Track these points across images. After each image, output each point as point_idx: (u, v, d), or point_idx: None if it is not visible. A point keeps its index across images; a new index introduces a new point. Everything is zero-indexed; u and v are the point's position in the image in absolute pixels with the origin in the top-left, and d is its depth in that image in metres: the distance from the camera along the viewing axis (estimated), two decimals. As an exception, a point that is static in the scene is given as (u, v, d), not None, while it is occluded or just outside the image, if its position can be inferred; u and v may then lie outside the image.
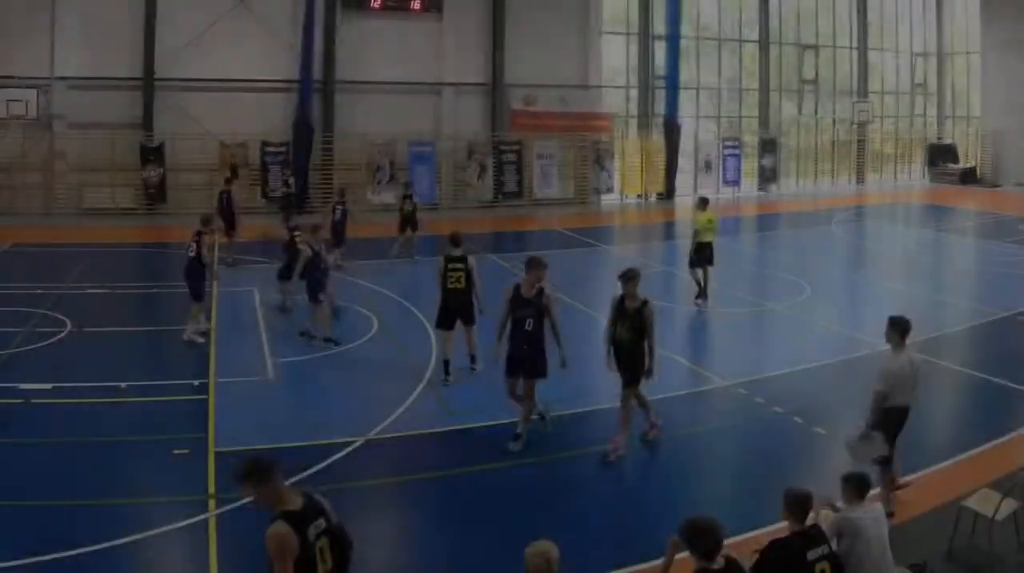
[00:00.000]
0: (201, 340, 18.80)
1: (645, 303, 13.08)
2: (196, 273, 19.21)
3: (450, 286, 16.48)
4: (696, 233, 22.85)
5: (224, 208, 27.46)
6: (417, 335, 19.05)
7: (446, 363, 16.39)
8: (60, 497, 11.14)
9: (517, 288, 13.56)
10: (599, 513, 11.35)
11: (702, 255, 22.67)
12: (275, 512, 6.53)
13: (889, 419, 10.99)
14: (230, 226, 27.38)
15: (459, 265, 16.52)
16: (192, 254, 19.26)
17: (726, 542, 7.11)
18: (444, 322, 16.59)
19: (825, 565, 7.52)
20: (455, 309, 16.51)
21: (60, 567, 9.61)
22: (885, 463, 11.14)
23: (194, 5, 37.81)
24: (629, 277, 13.19)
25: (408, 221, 28.74)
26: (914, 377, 11.24)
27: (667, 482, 12.67)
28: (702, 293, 22.61)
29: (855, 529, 8.17)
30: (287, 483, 7.20)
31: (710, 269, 22.67)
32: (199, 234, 19.38)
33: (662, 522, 9.26)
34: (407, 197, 29.29)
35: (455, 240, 16.85)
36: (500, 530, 10.71)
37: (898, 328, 11.25)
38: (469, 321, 16.68)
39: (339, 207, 26.86)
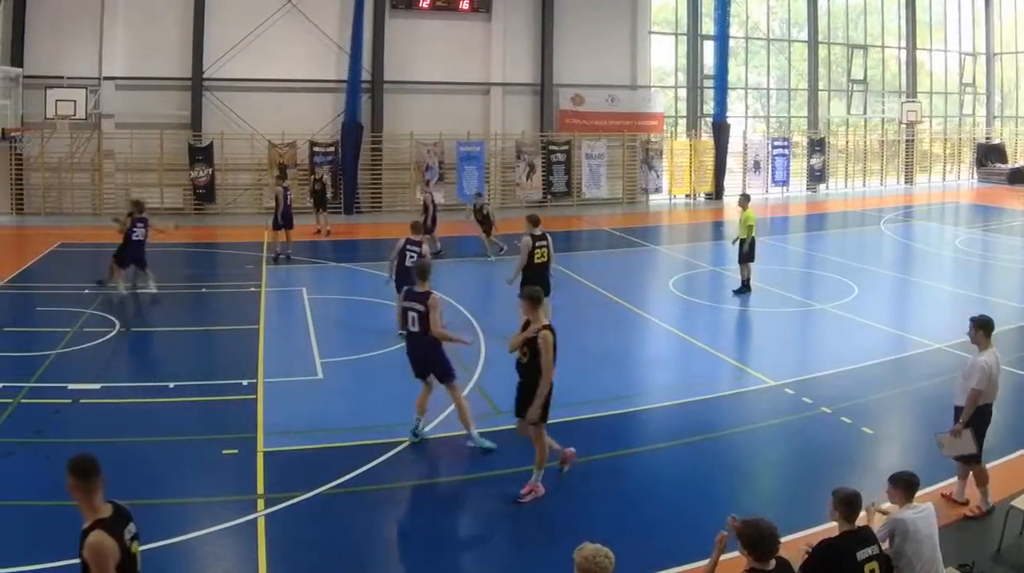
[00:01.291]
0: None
1: (542, 329, 11.14)
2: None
3: (536, 261, 17.22)
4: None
5: (283, 206, 27.02)
6: (466, 334, 17.24)
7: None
8: (110, 497, 10.10)
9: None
10: (647, 513, 10.96)
11: (741, 251, 22.62)
12: (89, 520, 6.38)
13: (980, 417, 10.85)
14: (287, 224, 27.08)
15: (543, 242, 17.42)
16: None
17: None
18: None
19: (874, 565, 7.36)
20: (540, 281, 16.54)
21: None
22: (973, 460, 10.92)
23: (243, 5, 36.82)
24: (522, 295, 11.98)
25: (486, 223, 28.00)
26: (999, 375, 11.06)
27: (714, 482, 12.00)
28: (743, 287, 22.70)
29: (906, 529, 8.03)
30: (338, 482, 8.03)
31: (750, 265, 22.61)
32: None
33: (709, 522, 8.76)
34: (479, 206, 28.72)
35: (535, 221, 17.69)
36: (549, 531, 10.55)
37: (984, 328, 11.15)
38: (547, 292, 16.59)
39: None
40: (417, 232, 18.57)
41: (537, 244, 17.32)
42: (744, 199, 23.18)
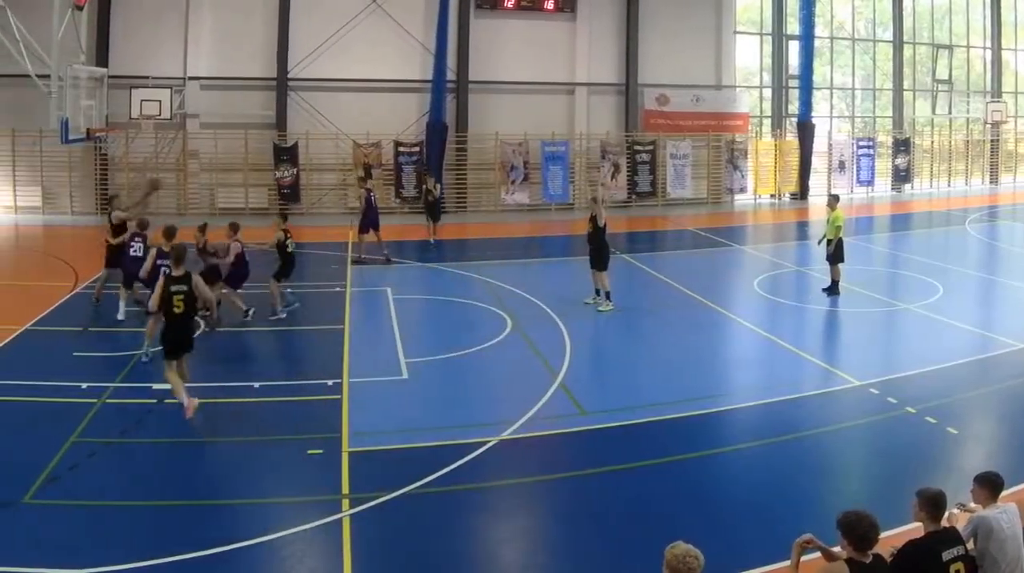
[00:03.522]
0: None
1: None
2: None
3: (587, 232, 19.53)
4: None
5: (369, 208, 25.30)
6: (550, 335, 17.69)
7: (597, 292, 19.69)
8: (194, 497, 10.61)
9: None
10: (731, 513, 10.28)
11: (828, 251, 21.40)
12: None
13: None
14: (374, 225, 25.23)
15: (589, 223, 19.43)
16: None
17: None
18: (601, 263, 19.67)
19: (960, 565, 6.89)
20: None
21: (195, 566, 8.91)
22: None
23: (328, 5, 34.68)
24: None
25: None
26: None
27: (799, 483, 11.22)
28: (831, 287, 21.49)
29: (989, 528, 7.43)
30: (422, 482, 9.51)
31: (839, 266, 21.38)
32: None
33: (794, 523, 8.30)
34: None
35: (594, 198, 20.06)
36: (634, 530, 9.90)
37: None
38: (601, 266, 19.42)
39: None
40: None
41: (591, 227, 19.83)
42: (833, 200, 21.97)
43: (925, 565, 6.90)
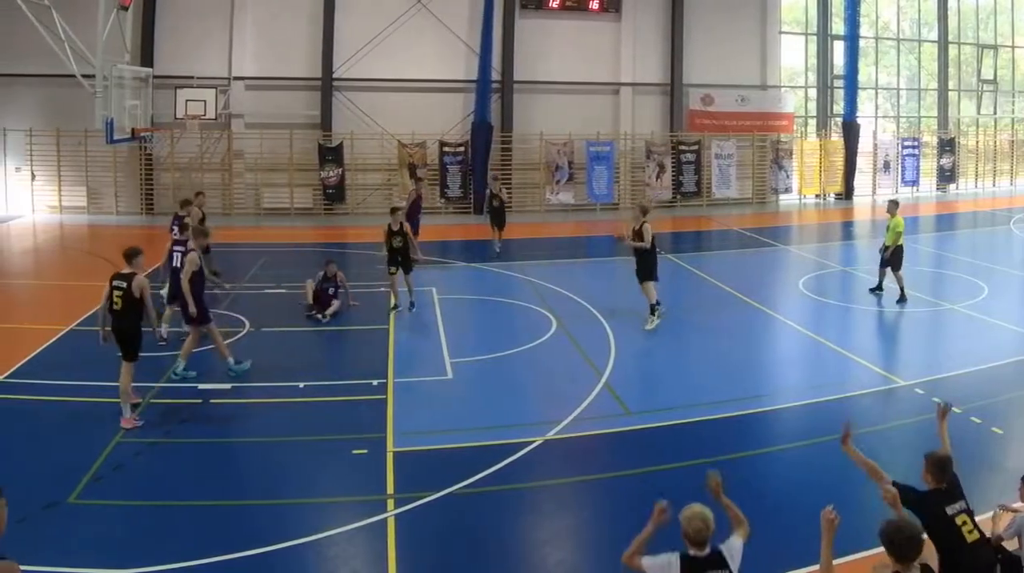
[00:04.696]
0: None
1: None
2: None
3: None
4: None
5: (415, 208, 23.77)
6: (596, 335, 17.17)
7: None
8: (239, 497, 10.38)
9: None
10: (779, 512, 9.85)
11: (883, 257, 20.30)
12: None
13: None
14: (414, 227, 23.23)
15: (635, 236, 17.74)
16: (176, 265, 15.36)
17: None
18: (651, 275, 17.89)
19: (965, 517, 7.04)
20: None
21: (239, 567, 8.61)
22: None
23: (372, 5, 33.42)
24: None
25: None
26: None
27: (845, 483, 10.40)
28: (879, 288, 20.60)
29: None
30: (467, 482, 9.44)
31: (901, 274, 20.22)
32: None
33: (842, 521, 6.74)
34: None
35: (644, 210, 18.07)
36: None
37: None
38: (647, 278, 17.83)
39: None
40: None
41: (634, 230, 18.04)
42: (893, 205, 20.81)
43: (929, 514, 6.99)
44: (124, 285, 12.39)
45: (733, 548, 6.43)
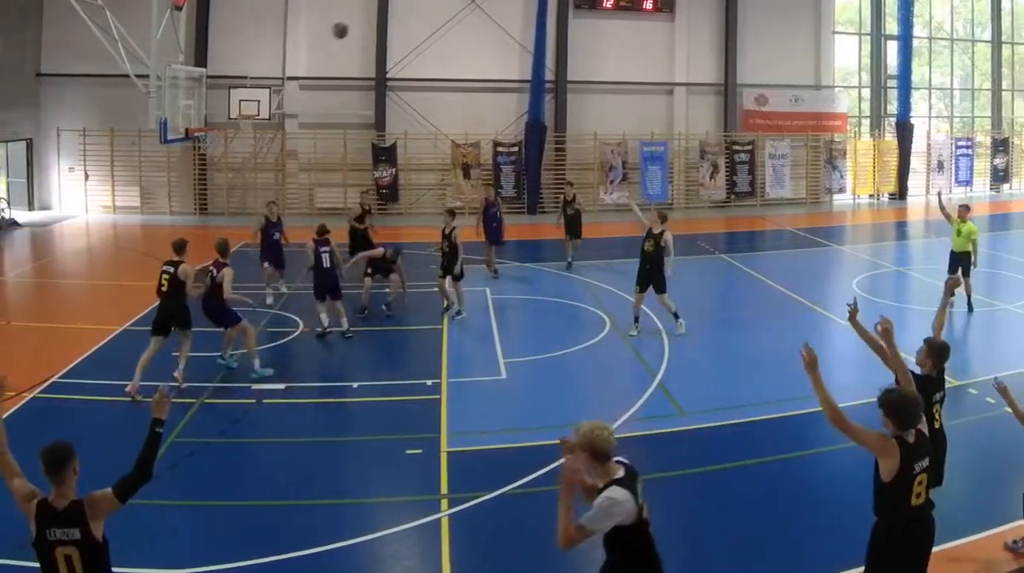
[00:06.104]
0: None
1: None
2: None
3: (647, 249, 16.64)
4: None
5: (489, 217, 22.14)
6: (649, 335, 16.69)
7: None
8: (293, 497, 9.99)
9: None
10: (836, 511, 9.39)
11: (951, 263, 18.94)
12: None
13: None
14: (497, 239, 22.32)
15: (652, 239, 16.56)
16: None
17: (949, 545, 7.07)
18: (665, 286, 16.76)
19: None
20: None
21: (295, 566, 8.39)
22: None
23: (426, 6, 32.10)
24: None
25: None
26: None
27: None
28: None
29: None
30: (522, 481, 9.36)
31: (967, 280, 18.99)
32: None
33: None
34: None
35: (663, 216, 16.89)
36: (735, 530, 9.19)
37: None
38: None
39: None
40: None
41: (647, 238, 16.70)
42: (964, 210, 19.22)
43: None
44: (171, 270, 13.23)
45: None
